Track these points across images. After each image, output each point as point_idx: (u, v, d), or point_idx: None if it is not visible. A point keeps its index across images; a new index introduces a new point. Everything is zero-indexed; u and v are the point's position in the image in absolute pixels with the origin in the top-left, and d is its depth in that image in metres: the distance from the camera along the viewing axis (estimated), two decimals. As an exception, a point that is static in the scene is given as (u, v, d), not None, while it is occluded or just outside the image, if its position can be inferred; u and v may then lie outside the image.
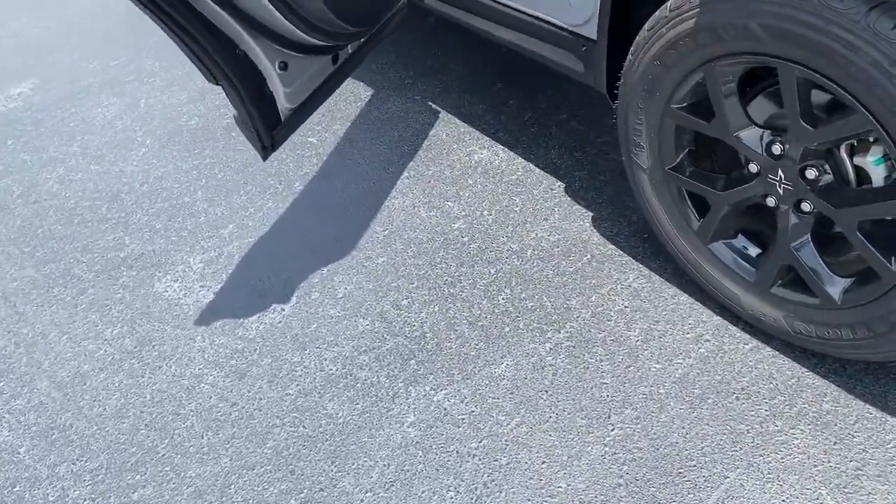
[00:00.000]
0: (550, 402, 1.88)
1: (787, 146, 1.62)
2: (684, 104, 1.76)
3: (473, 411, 1.89)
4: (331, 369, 2.05)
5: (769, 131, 1.66)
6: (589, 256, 2.21)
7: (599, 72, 1.99)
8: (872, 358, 1.71)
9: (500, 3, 2.16)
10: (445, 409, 1.91)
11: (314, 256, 2.37)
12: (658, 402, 1.85)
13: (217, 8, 1.65)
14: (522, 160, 2.56)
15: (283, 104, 1.96)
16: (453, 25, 2.39)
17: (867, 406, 1.77)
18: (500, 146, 2.63)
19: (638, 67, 1.78)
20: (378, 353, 2.06)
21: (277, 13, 1.72)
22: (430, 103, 2.88)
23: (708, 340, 1.96)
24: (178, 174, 2.78)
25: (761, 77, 1.69)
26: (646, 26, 1.74)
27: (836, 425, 1.75)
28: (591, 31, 1.97)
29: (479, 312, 2.12)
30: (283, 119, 1.98)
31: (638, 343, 1.98)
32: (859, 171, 1.59)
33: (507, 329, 2.06)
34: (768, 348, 1.92)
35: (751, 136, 1.68)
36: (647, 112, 1.82)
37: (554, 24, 2.07)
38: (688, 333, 1.98)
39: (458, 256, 2.28)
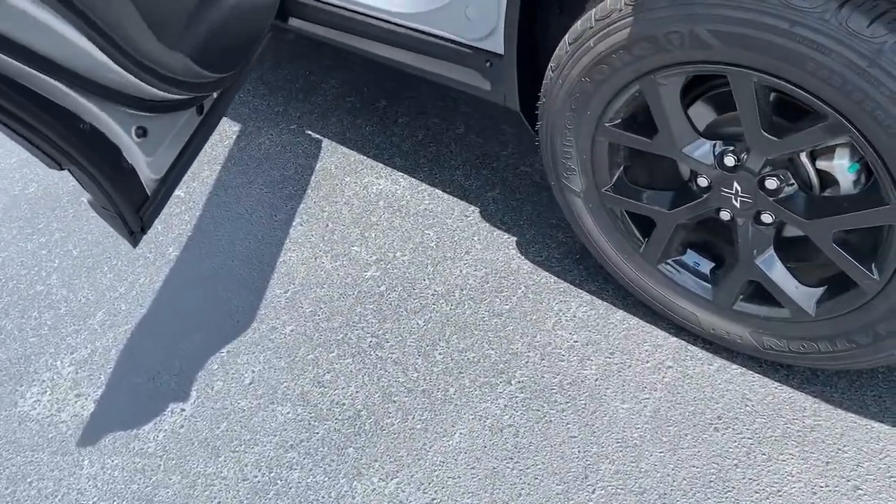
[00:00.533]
0: (518, 471, 1.66)
1: (744, 157, 1.45)
2: (618, 121, 1.56)
3: (434, 499, 1.64)
4: (255, 476, 1.73)
5: (720, 142, 1.49)
6: (523, 289, 2.00)
7: (510, 89, 1.77)
8: (852, 367, 1.60)
9: (385, 20, 1.89)
10: (401, 502, 1.65)
11: (208, 336, 2.02)
12: (635, 449, 1.66)
13: (48, 78, 1.29)
14: (427, 186, 2.31)
15: (148, 175, 1.61)
16: (318, 40, 2.10)
17: (849, 414, 1.66)
18: (399, 173, 2.37)
19: (562, 85, 1.57)
20: (308, 447, 1.77)
21: (127, 74, 1.37)
22: (309, 132, 2.57)
23: (670, 367, 1.80)
24: (23, 257, 2.34)
25: (695, 82, 1.52)
26: (567, 39, 1.53)
27: (823, 442, 1.63)
28: (495, 45, 1.74)
29: (415, 375, 1.86)
30: (149, 193, 1.63)
31: (598, 382, 1.79)
32: (822, 176, 1.45)
33: (451, 390, 1.82)
34: (734, 366, 1.78)
35: (700, 150, 1.51)
36: (577, 133, 1.61)
37: (450, 40, 1.82)
38: (647, 362, 1.81)
39: (379, 310, 2.01)
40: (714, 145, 1.49)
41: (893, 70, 1.15)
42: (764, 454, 1.63)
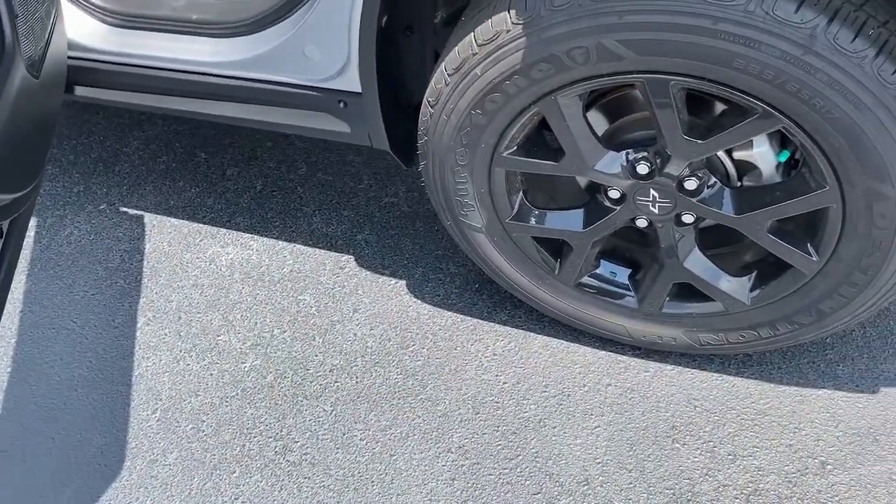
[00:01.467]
0: (492, 551, 1.48)
1: (661, 163, 1.34)
2: (514, 148, 1.40)
3: None
4: None
5: (630, 150, 1.37)
6: (431, 337, 1.80)
7: (375, 129, 1.55)
8: (791, 344, 1.56)
9: (206, 73, 1.58)
10: None
11: (76, 494, 1.64)
12: (604, 487, 1.54)
13: None
14: (285, 244, 2.02)
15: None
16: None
17: (791, 388, 1.64)
18: (247, 235, 2.06)
19: (447, 120, 1.37)
20: None
21: None
22: (125, 209, 2.18)
23: (609, 384, 1.69)
24: None
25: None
26: (445, 69, 1.33)
27: (779, 424, 1.59)
28: (349, 83, 1.50)
29: (341, 472, 1.61)
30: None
31: (542, 422, 1.64)
32: (738, 166, 1.38)
33: (388, 478, 1.59)
34: (669, 366, 1.70)
35: (609, 163, 1.38)
36: (472, 168, 1.43)
37: (291, 84, 1.56)
38: (584, 386, 1.69)
39: (274, 406, 1.73)
40: (626, 154, 1.37)
41: (829, 55, 1.07)
42: (728, 454, 1.56)
